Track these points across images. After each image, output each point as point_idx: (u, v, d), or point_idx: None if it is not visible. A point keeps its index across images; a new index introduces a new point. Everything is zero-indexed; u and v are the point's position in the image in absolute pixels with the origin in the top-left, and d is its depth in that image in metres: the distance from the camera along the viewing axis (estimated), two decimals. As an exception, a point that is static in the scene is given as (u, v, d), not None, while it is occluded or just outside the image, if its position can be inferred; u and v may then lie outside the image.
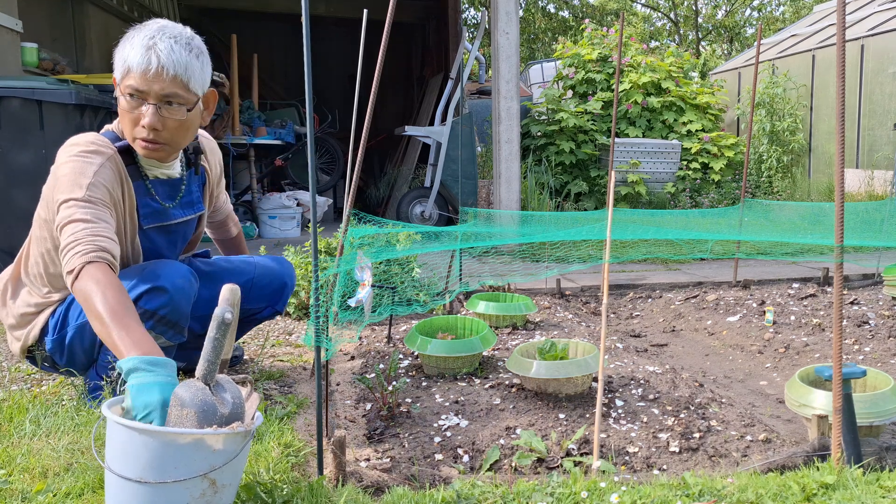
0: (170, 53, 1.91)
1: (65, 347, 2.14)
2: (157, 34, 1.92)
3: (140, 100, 1.95)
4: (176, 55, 1.92)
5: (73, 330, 2.11)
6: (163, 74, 1.91)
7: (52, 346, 2.15)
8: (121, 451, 1.41)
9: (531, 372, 2.32)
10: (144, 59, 1.89)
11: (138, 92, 1.93)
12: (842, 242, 1.82)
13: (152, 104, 1.94)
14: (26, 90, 3.90)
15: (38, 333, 2.15)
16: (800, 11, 19.75)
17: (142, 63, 1.90)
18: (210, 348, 1.50)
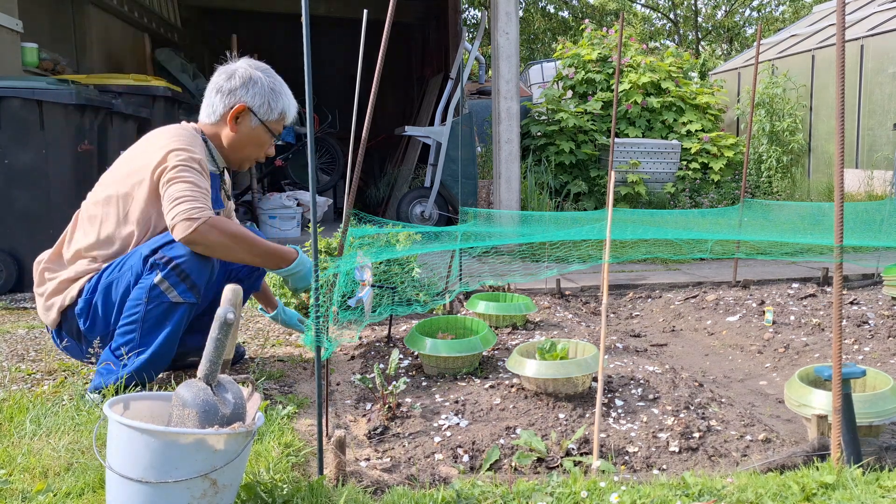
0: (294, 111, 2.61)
1: (90, 308, 2.32)
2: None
3: (274, 138, 2.58)
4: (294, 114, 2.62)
5: (102, 289, 2.30)
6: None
7: (82, 305, 2.33)
8: (122, 451, 1.41)
9: (531, 372, 2.33)
10: (294, 113, 2.59)
11: (278, 133, 2.58)
12: (841, 242, 1.83)
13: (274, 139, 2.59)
14: (26, 90, 3.90)
15: (74, 296, 2.34)
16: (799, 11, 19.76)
17: (294, 116, 2.59)
18: (212, 348, 1.50)
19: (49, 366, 2.75)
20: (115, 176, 2.39)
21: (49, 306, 2.38)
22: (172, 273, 2.22)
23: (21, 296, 3.99)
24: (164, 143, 2.31)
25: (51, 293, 2.38)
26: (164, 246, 2.24)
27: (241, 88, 2.43)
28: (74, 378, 2.59)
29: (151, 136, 2.43)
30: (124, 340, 2.27)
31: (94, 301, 2.31)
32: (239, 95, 2.43)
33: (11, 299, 3.92)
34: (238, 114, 2.44)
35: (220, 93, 2.45)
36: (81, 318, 2.33)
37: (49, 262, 2.42)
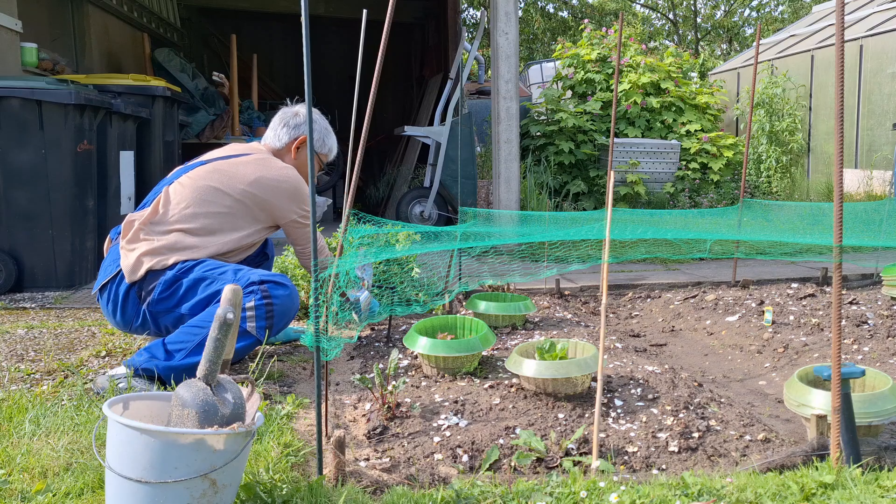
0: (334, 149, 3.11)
1: (175, 284, 2.51)
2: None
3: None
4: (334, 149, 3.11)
5: (194, 278, 2.51)
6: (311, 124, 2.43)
7: (169, 277, 2.52)
8: (122, 451, 1.41)
9: (531, 372, 2.33)
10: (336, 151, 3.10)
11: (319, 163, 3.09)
12: (840, 242, 1.83)
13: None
14: (26, 90, 3.90)
15: (168, 264, 2.52)
16: (798, 12, 19.76)
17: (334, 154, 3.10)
18: (211, 348, 1.50)
19: (48, 366, 2.75)
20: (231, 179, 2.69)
21: (140, 264, 2.53)
22: (263, 307, 2.46)
23: (20, 296, 3.99)
24: (292, 193, 2.76)
25: (146, 252, 2.54)
26: (272, 283, 2.49)
27: (304, 125, 2.92)
28: (74, 378, 2.59)
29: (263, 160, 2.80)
30: (183, 339, 2.41)
31: (182, 282, 2.51)
32: (302, 129, 2.92)
33: (11, 299, 3.92)
34: (300, 145, 2.95)
35: (286, 126, 2.95)
36: (161, 287, 2.51)
37: (145, 224, 2.60)
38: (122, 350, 3.00)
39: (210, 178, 2.69)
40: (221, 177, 2.70)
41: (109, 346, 3.04)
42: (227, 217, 2.67)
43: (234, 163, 2.76)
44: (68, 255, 4.12)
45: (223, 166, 2.74)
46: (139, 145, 4.98)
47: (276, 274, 2.57)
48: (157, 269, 2.53)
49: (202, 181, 2.68)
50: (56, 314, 3.67)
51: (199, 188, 2.66)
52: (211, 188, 2.66)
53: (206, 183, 2.67)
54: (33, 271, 4.07)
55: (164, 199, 2.65)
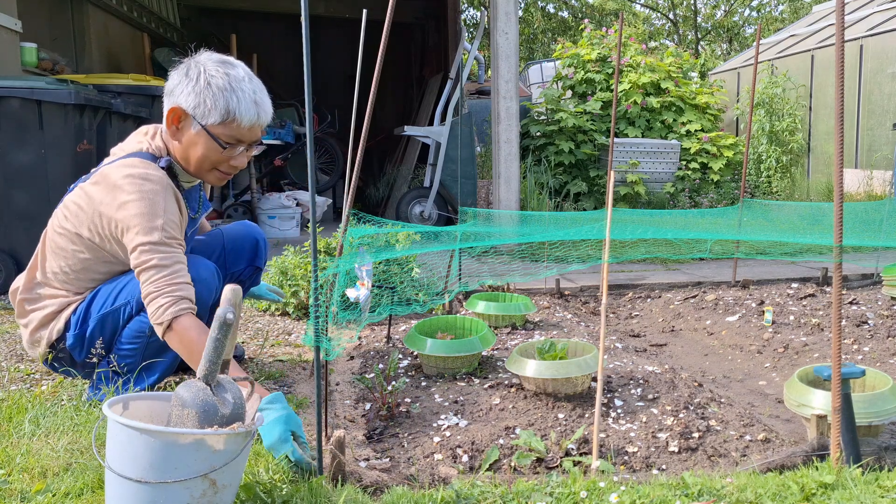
0: (268, 109, 2.15)
1: (85, 340, 2.20)
2: (255, 87, 2.09)
3: (234, 145, 2.12)
4: (268, 105, 2.15)
5: (95, 322, 2.17)
6: (262, 127, 2.14)
7: (73, 340, 2.20)
8: (121, 451, 1.41)
9: (530, 372, 2.32)
10: (254, 114, 2.09)
11: (238, 140, 2.12)
12: (841, 242, 1.83)
13: (244, 148, 2.15)
14: (26, 90, 3.90)
15: (61, 328, 2.20)
16: (798, 11, 19.76)
17: (252, 119, 2.09)
18: (211, 348, 1.50)
19: (48, 366, 2.75)
20: (75, 208, 2.16)
21: (37, 341, 2.25)
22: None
23: (20, 296, 3.99)
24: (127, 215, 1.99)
25: (36, 327, 2.23)
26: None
27: (177, 88, 2.05)
28: (73, 378, 2.58)
29: (108, 175, 2.08)
30: (123, 364, 2.23)
31: (89, 335, 2.19)
32: (175, 97, 2.06)
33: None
34: (176, 119, 2.08)
35: (165, 95, 2.10)
36: (76, 350, 2.22)
37: (26, 292, 2.26)
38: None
39: (61, 216, 2.20)
40: (70, 210, 2.17)
41: (109, 346, 3.04)
42: (93, 258, 2.17)
43: (83, 184, 2.19)
44: (68, 255, 4.11)
45: (73, 195, 2.20)
46: (139, 145, 4.97)
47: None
48: (56, 339, 2.22)
49: (56, 222, 2.21)
50: (56, 314, 3.66)
51: (56, 233, 2.21)
52: (63, 230, 2.18)
53: (59, 224, 2.20)
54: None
55: (39, 253, 2.27)
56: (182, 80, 2.05)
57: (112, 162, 2.13)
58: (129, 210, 1.99)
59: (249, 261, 2.63)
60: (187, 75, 2.05)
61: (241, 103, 2.05)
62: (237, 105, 2.05)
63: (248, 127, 2.09)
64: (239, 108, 2.05)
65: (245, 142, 2.14)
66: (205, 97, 2.03)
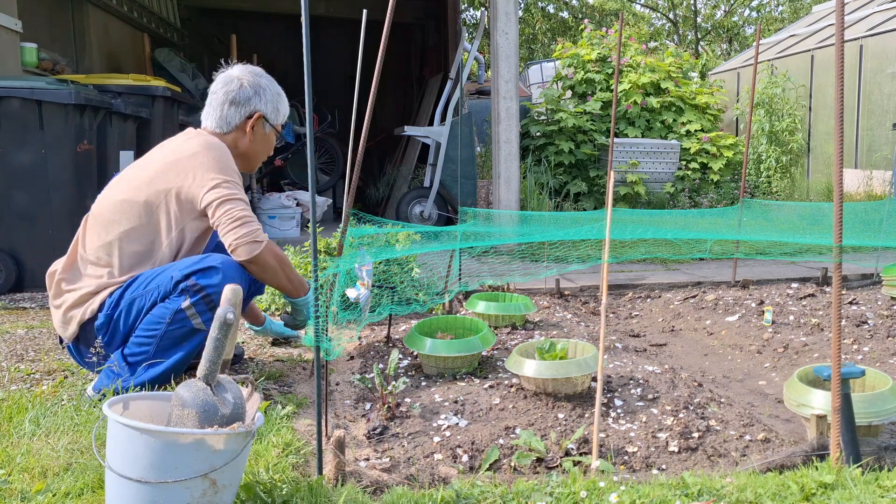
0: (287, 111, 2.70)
1: (111, 323, 2.32)
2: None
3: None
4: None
5: (125, 304, 2.30)
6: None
7: (103, 320, 2.32)
8: (122, 451, 1.41)
9: (530, 372, 2.33)
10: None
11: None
12: (840, 242, 1.83)
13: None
14: (26, 90, 3.90)
15: (95, 308, 2.32)
16: (798, 11, 19.76)
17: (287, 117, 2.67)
18: (211, 348, 1.50)
19: (48, 366, 2.75)
20: (136, 181, 2.37)
21: (68, 319, 2.35)
22: (202, 301, 2.27)
23: (20, 296, 3.99)
24: (203, 160, 2.32)
25: (70, 306, 2.34)
26: (198, 273, 2.26)
27: (254, 98, 2.50)
28: (74, 378, 2.59)
29: (179, 144, 2.41)
30: (138, 350, 2.31)
31: (116, 316, 2.31)
32: (253, 105, 2.50)
33: (11, 299, 3.92)
34: (255, 122, 2.52)
35: (233, 104, 2.48)
36: (101, 333, 2.32)
37: (64, 273, 2.38)
38: (122, 350, 3.00)
39: (115, 193, 2.39)
40: (125, 186, 2.38)
41: (109, 346, 3.04)
42: (143, 230, 2.35)
43: (137, 164, 2.47)
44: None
45: (127, 173, 2.45)
46: (139, 145, 4.97)
47: (203, 258, 2.31)
48: (88, 319, 2.33)
49: (107, 200, 2.39)
50: (56, 314, 3.67)
51: (106, 209, 2.37)
52: (116, 203, 2.36)
53: (112, 199, 2.37)
54: (33, 271, 4.07)
55: (80, 236, 2.41)
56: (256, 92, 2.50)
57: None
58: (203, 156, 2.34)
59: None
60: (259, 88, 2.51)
61: (286, 108, 2.62)
62: (286, 108, 2.62)
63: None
64: (287, 110, 2.62)
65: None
66: (277, 105, 2.56)
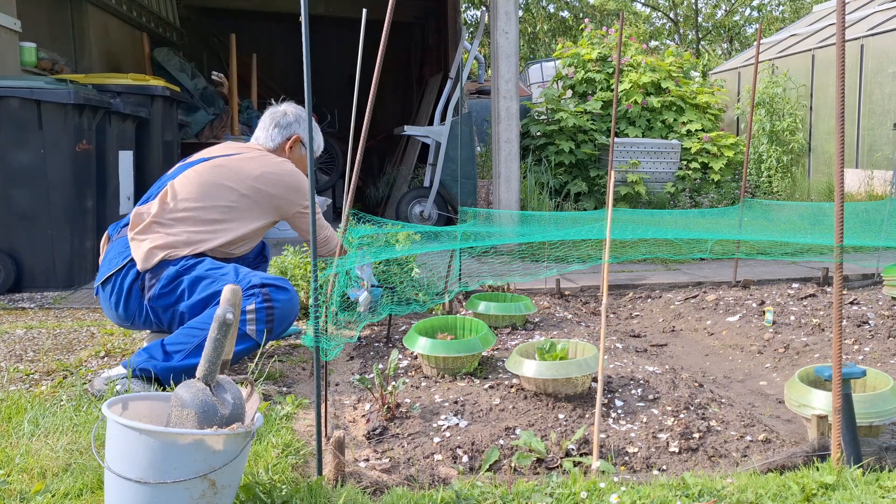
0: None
1: (176, 280, 2.52)
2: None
3: None
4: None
5: (195, 276, 2.52)
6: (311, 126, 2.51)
7: (172, 273, 2.52)
8: (121, 452, 1.41)
9: (531, 372, 2.32)
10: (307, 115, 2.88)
11: None
12: (841, 242, 1.82)
13: None
14: (25, 90, 3.90)
15: (175, 256, 2.54)
16: (799, 11, 19.76)
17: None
18: (211, 348, 1.50)
19: (47, 366, 2.74)
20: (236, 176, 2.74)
21: (153, 254, 2.54)
22: (264, 311, 2.46)
23: (19, 296, 3.99)
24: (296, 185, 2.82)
25: (159, 245, 2.55)
26: (273, 287, 2.51)
27: (294, 124, 3.00)
28: (73, 378, 2.58)
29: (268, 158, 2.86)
30: (182, 340, 2.42)
31: (183, 278, 2.52)
32: (293, 129, 3.00)
33: (10, 299, 3.92)
34: (293, 144, 3.00)
35: (278, 126, 2.98)
36: (163, 282, 2.52)
37: (159, 216, 2.62)
38: (120, 350, 3.00)
39: (215, 174, 2.74)
40: (227, 172, 2.75)
41: (108, 346, 3.04)
42: (234, 211, 2.72)
43: (238, 159, 2.82)
44: (67, 256, 4.11)
45: (227, 162, 2.79)
46: (138, 145, 4.97)
47: (278, 277, 2.59)
48: (167, 261, 2.55)
49: (207, 176, 2.73)
50: (55, 314, 3.66)
51: (205, 183, 2.70)
52: (216, 184, 2.71)
53: (212, 178, 2.72)
54: (32, 271, 4.07)
55: (171, 193, 2.68)
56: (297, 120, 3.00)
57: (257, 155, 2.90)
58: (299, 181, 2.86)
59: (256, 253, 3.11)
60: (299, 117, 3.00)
61: (321, 139, 3.15)
62: (321, 139, 3.13)
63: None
64: (320, 141, 3.09)
65: None
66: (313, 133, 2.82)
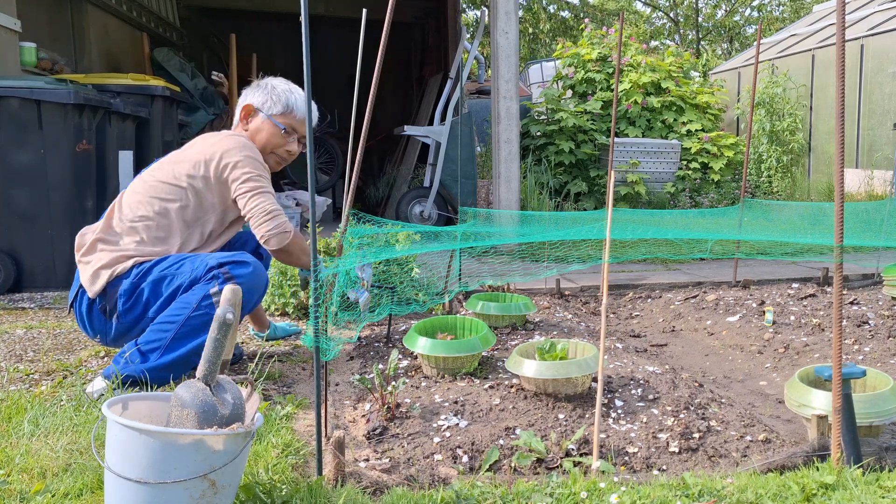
0: (316, 112, 2.83)
1: (136, 291, 2.42)
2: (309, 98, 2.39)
3: (290, 133, 2.73)
4: (317, 113, 2.89)
5: (153, 278, 2.40)
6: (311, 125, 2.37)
7: (127, 286, 2.41)
8: (121, 452, 1.41)
9: (531, 372, 2.32)
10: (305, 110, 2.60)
11: (293, 129, 2.74)
12: (841, 242, 1.82)
13: (298, 141, 2.77)
14: (25, 90, 3.89)
15: (127, 268, 2.43)
16: (799, 11, 19.76)
17: (303, 112, 2.68)
18: (211, 348, 1.50)
19: (47, 366, 2.74)
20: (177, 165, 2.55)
21: (97, 276, 2.43)
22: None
23: (19, 296, 3.99)
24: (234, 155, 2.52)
25: (103, 265, 2.44)
26: (231, 264, 2.39)
27: (248, 93, 2.73)
28: (73, 378, 2.58)
29: (210, 140, 2.60)
30: (155, 337, 2.34)
31: (142, 287, 2.41)
32: (246, 98, 2.73)
33: (10, 300, 3.92)
34: (246, 114, 2.70)
35: (239, 105, 2.74)
36: (123, 299, 2.41)
37: (103, 233, 2.50)
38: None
39: (158, 174, 2.56)
40: (170, 167, 2.56)
41: (109, 346, 3.03)
42: (182, 210, 2.52)
43: (182, 150, 2.63)
44: (67, 256, 4.10)
45: (173, 157, 2.61)
46: (138, 145, 4.97)
47: (237, 253, 2.45)
48: (116, 278, 2.42)
49: (151, 179, 2.56)
50: (55, 314, 3.66)
51: (150, 187, 2.53)
52: (159, 184, 2.53)
53: (155, 180, 2.55)
54: (32, 271, 4.07)
55: (117, 207, 2.54)
56: (253, 90, 2.71)
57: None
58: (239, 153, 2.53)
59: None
60: (258, 86, 2.72)
61: (297, 100, 2.72)
62: (295, 101, 2.71)
63: (301, 119, 2.72)
64: (297, 104, 2.71)
65: (298, 133, 2.74)
66: (270, 96, 2.69)
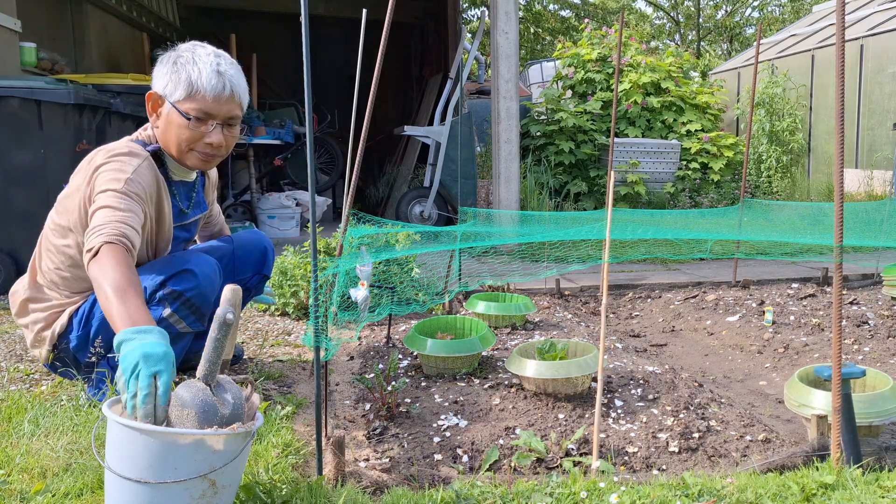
0: (237, 79, 2.12)
1: (89, 340, 2.19)
2: (221, 60, 2.09)
3: (205, 120, 2.11)
4: (238, 80, 2.13)
5: (98, 321, 2.15)
6: (233, 99, 2.10)
7: (77, 342, 2.19)
8: (121, 451, 1.41)
9: (531, 372, 2.32)
10: (218, 84, 2.07)
11: (206, 114, 2.10)
12: (841, 242, 1.82)
13: (218, 124, 2.14)
14: (25, 90, 3.89)
15: (65, 323, 2.20)
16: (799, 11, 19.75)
17: (216, 88, 2.07)
18: (211, 348, 1.50)
19: (48, 366, 2.74)
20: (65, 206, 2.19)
21: (41, 340, 2.26)
22: (182, 307, 2.12)
23: (20, 296, 3.99)
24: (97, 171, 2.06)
25: (42, 327, 2.25)
26: (172, 279, 2.11)
27: (153, 78, 2.15)
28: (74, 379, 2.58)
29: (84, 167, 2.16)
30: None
31: (93, 332, 2.18)
32: (153, 84, 2.15)
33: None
34: (154, 106, 2.15)
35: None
36: (80, 351, 2.22)
37: (29, 291, 2.27)
38: (121, 350, 2.99)
39: (55, 215, 2.22)
40: (63, 203, 2.20)
41: (109, 346, 3.04)
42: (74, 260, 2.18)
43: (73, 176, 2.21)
44: (68, 255, 4.11)
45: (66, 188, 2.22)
46: (139, 145, 4.96)
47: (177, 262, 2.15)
48: (59, 337, 2.22)
49: (51, 223, 2.22)
50: (55, 314, 3.66)
51: (51, 231, 2.22)
52: (58, 228, 2.19)
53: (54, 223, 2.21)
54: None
55: (37, 257, 2.28)
56: (157, 67, 2.12)
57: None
58: (101, 170, 2.04)
59: (256, 269, 2.62)
60: (160, 62, 2.12)
61: (202, 74, 2.05)
62: (198, 76, 2.05)
63: (212, 98, 2.07)
64: (200, 79, 2.05)
65: (216, 116, 2.12)
66: (171, 75, 2.08)
